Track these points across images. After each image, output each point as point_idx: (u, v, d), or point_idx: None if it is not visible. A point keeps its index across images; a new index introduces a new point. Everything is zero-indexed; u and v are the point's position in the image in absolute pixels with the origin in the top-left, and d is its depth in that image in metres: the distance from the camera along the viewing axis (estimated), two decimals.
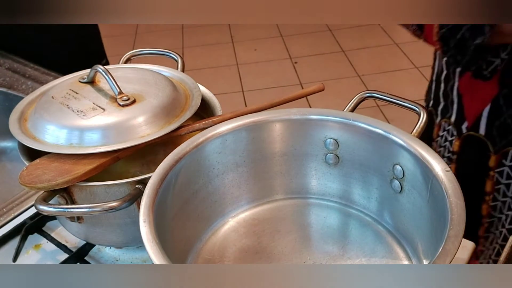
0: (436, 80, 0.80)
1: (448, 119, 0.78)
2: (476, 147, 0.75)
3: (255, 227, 0.60)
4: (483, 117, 0.72)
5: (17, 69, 1.01)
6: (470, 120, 0.74)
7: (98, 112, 0.59)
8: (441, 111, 0.80)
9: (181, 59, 0.75)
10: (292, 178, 0.63)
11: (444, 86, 0.77)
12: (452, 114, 0.77)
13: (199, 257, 0.57)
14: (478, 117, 0.72)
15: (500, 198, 0.76)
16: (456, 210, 0.44)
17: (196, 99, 0.64)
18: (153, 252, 0.43)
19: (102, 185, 0.54)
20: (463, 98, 0.74)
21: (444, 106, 0.78)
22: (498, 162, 0.74)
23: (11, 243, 0.67)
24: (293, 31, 2.99)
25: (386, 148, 0.55)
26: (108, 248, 0.65)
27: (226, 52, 2.86)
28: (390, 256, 0.56)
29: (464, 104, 0.74)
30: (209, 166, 0.58)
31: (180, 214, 0.55)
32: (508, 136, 0.71)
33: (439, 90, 0.79)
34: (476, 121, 0.73)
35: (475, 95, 0.72)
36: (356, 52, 2.73)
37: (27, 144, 0.58)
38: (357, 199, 0.61)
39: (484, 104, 0.71)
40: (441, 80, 0.78)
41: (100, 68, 0.62)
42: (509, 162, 0.73)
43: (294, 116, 0.59)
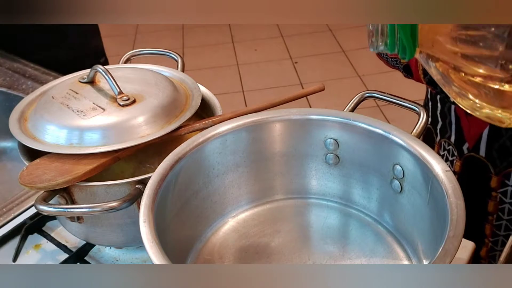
0: (432, 99, 0.79)
1: (448, 139, 0.78)
2: (477, 168, 0.74)
3: (255, 227, 0.60)
4: (483, 139, 0.71)
5: (17, 69, 1.01)
6: (470, 142, 0.73)
7: (98, 112, 0.59)
8: (440, 130, 0.79)
9: (181, 59, 0.75)
10: (292, 178, 0.62)
11: (441, 107, 0.77)
12: (451, 135, 0.76)
13: (199, 257, 0.57)
14: (478, 139, 0.72)
15: (505, 217, 0.76)
16: (456, 210, 0.44)
17: (196, 99, 0.64)
18: (153, 252, 0.43)
19: (102, 185, 0.54)
20: (461, 120, 0.73)
21: (443, 126, 0.78)
22: (500, 183, 0.73)
23: (11, 243, 0.67)
24: (293, 31, 2.99)
25: (386, 148, 0.55)
26: (108, 248, 0.65)
27: (226, 52, 2.86)
28: (390, 256, 0.56)
29: (463, 126, 0.74)
30: (209, 166, 0.58)
31: (180, 214, 0.55)
32: (508, 157, 0.71)
33: (436, 109, 0.78)
34: (476, 143, 0.73)
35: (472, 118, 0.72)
36: (356, 52, 2.73)
37: (27, 144, 0.58)
38: (357, 199, 0.61)
39: (483, 127, 0.70)
40: (437, 100, 0.77)
41: (100, 68, 0.62)
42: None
43: (294, 116, 0.59)
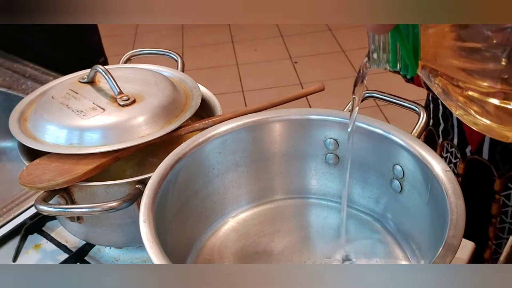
0: (433, 101, 0.79)
1: (451, 141, 0.78)
2: (481, 171, 0.74)
3: (255, 227, 0.60)
4: (485, 141, 0.71)
5: (17, 69, 1.01)
6: (473, 145, 0.73)
7: (98, 112, 0.59)
8: (442, 132, 0.79)
9: (181, 59, 0.75)
10: (292, 178, 0.62)
11: (442, 109, 0.76)
12: (454, 137, 0.76)
13: (199, 257, 0.57)
14: (481, 141, 0.72)
15: (508, 220, 0.76)
16: (456, 210, 0.44)
17: (196, 99, 0.64)
18: (153, 252, 0.43)
19: (102, 185, 0.54)
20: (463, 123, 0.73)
21: (445, 128, 0.77)
22: (503, 185, 0.73)
23: (11, 243, 0.67)
24: (293, 31, 2.99)
25: (386, 148, 0.55)
26: (108, 248, 0.65)
27: (226, 52, 2.86)
28: (390, 256, 0.56)
29: (465, 129, 0.73)
30: (209, 166, 0.58)
31: (180, 214, 0.55)
32: (511, 161, 0.70)
33: (438, 111, 0.78)
34: (479, 145, 0.72)
35: None
36: (356, 52, 2.72)
37: (27, 144, 0.58)
38: (357, 199, 0.61)
39: None
40: (439, 103, 0.77)
41: (100, 68, 0.62)
42: None
43: (294, 116, 0.59)
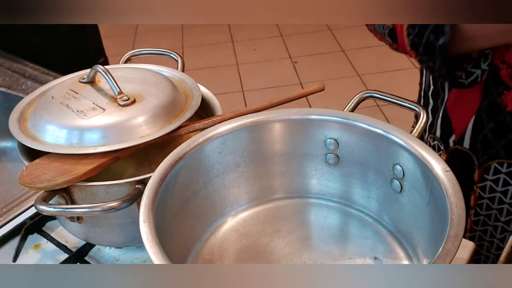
0: (424, 96, 0.80)
1: (433, 134, 0.78)
2: (462, 161, 0.74)
3: (255, 227, 0.60)
4: (468, 129, 0.72)
5: (17, 69, 1.01)
6: (457, 134, 0.73)
7: (98, 112, 0.59)
8: (428, 127, 0.80)
9: (181, 59, 0.75)
10: (292, 178, 0.62)
11: (433, 103, 0.77)
12: (436, 130, 0.77)
13: (199, 257, 0.57)
14: (464, 130, 0.72)
15: (483, 212, 0.76)
16: (456, 210, 0.44)
17: (196, 99, 0.64)
18: (153, 252, 0.43)
19: (102, 185, 0.54)
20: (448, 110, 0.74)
21: (431, 123, 0.78)
22: (480, 177, 0.73)
23: (11, 243, 0.67)
24: (293, 31, 2.99)
25: (386, 148, 0.55)
26: (108, 248, 0.65)
27: (226, 52, 2.86)
28: (390, 256, 0.56)
29: (451, 117, 0.74)
30: (209, 166, 0.58)
31: (180, 214, 0.55)
32: (490, 150, 0.71)
33: (428, 106, 0.78)
34: (462, 134, 0.73)
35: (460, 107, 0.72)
36: (356, 52, 2.73)
37: (27, 144, 0.58)
38: (357, 199, 0.61)
39: (469, 116, 0.70)
40: (429, 96, 0.78)
41: (100, 68, 0.62)
42: (491, 176, 0.72)
43: (294, 116, 0.59)
